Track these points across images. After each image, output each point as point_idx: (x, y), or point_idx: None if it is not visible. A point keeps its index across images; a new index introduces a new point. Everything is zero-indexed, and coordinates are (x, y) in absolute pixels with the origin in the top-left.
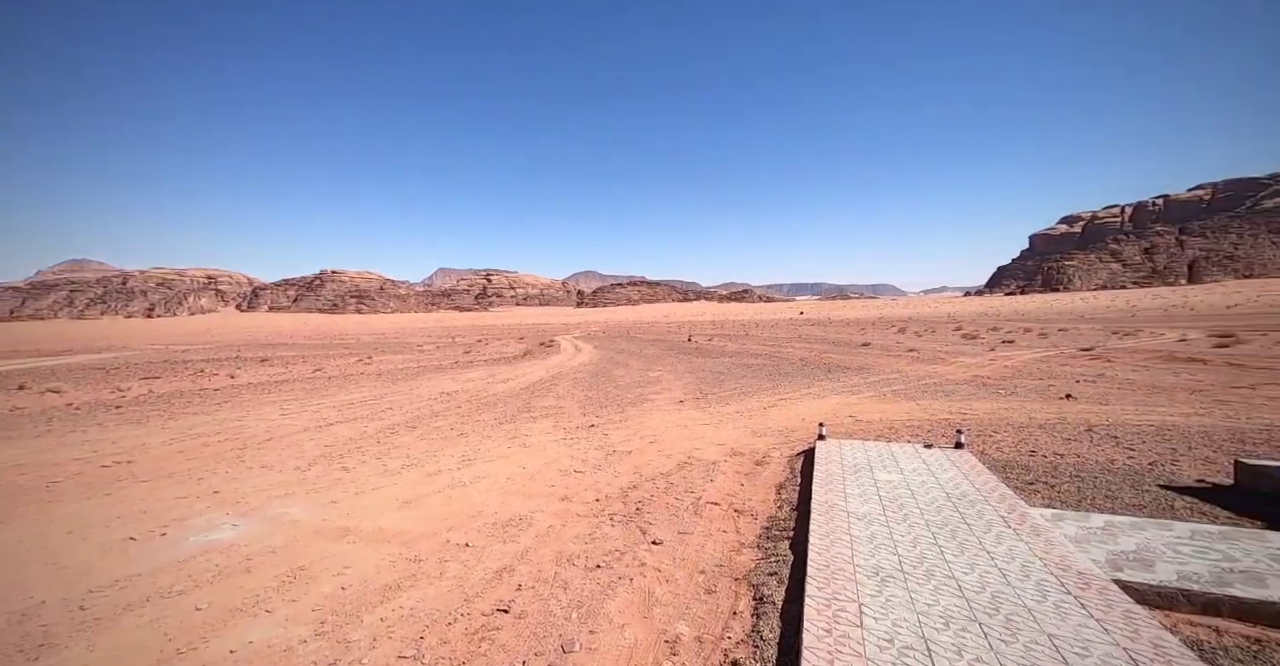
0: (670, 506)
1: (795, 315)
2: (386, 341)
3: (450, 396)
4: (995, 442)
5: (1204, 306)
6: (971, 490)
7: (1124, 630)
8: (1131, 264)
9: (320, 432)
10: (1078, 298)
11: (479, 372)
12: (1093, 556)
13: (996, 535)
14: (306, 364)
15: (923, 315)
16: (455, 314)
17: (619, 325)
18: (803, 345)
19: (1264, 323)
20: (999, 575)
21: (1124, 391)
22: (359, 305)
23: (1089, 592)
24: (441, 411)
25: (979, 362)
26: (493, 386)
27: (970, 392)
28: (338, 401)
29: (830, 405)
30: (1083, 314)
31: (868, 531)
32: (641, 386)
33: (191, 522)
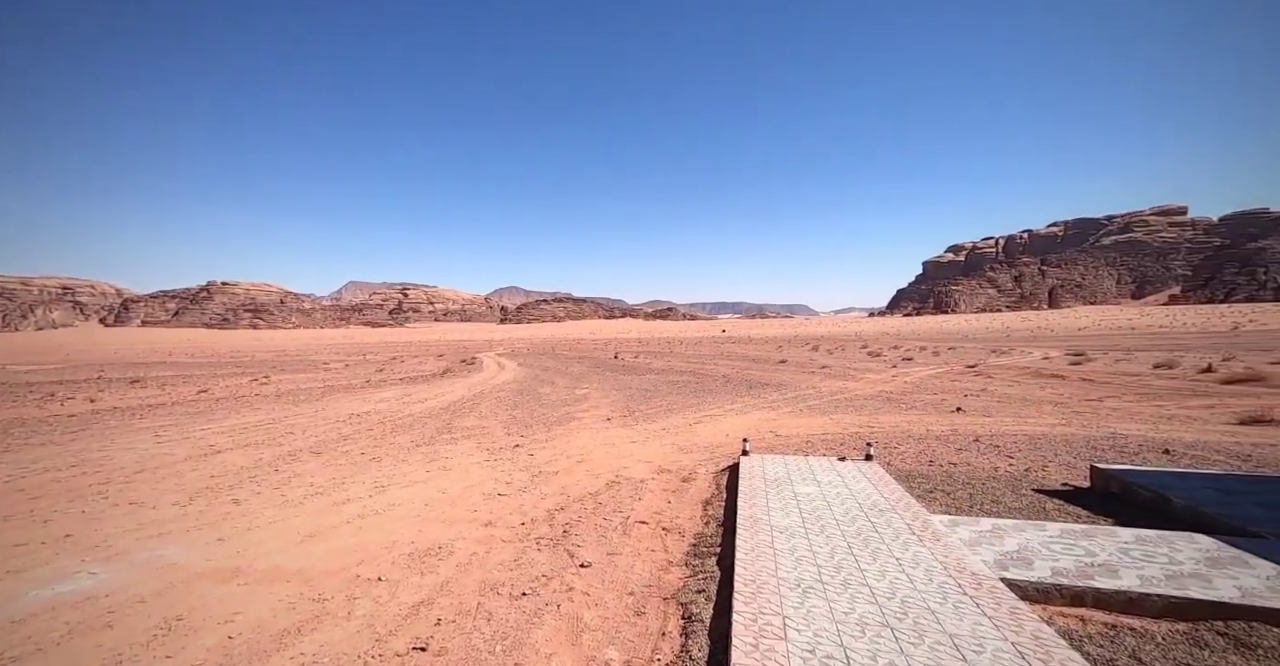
0: (599, 527)
1: (718, 333)
2: (287, 359)
3: (361, 418)
4: (899, 453)
5: (1061, 329)
6: (881, 500)
7: (1011, 625)
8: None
9: (205, 462)
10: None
11: (393, 392)
12: (983, 558)
13: (903, 542)
14: (189, 385)
15: (833, 334)
16: (367, 330)
17: (545, 342)
18: (725, 362)
19: (1106, 343)
20: (906, 580)
21: (1003, 404)
22: (255, 320)
23: (981, 592)
24: (351, 435)
25: (883, 378)
26: (409, 406)
27: (876, 407)
28: (228, 426)
29: (753, 420)
30: (967, 334)
31: (790, 544)
32: (568, 404)
33: (34, 574)
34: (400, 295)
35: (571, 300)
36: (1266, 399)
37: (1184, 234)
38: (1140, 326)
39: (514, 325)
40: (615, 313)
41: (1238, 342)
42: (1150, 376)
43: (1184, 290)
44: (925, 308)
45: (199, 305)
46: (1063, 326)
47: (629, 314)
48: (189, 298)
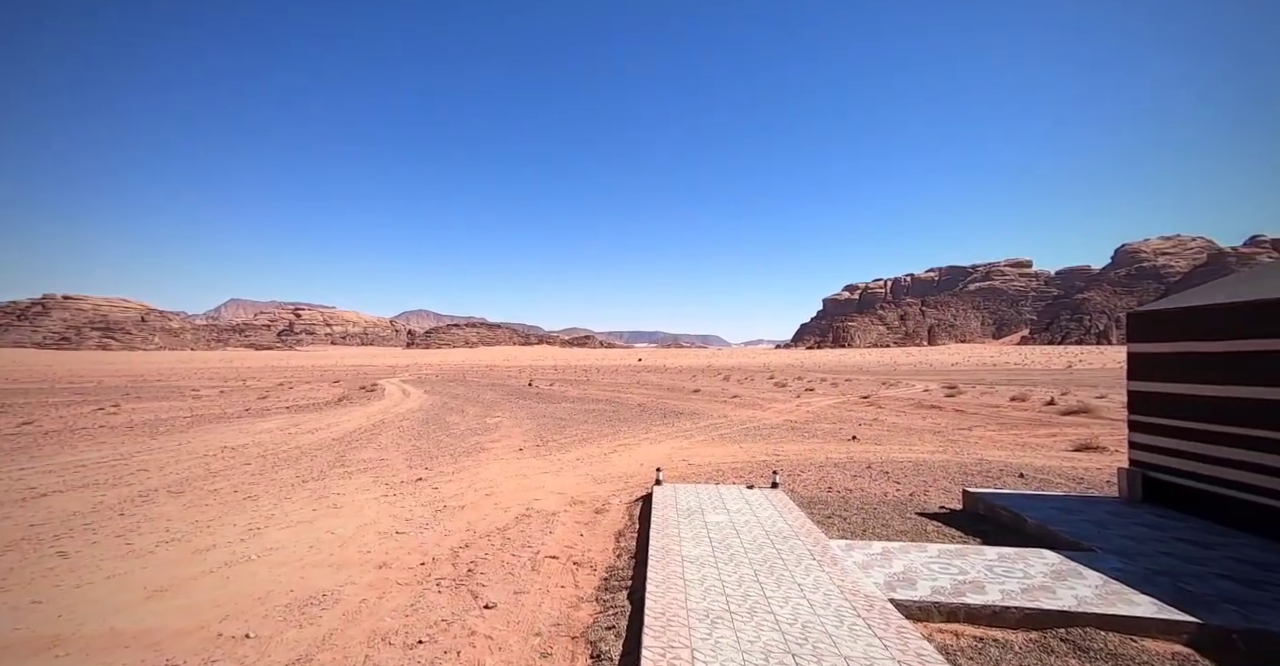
0: (506, 564)
1: (634, 362)
2: (146, 385)
3: (236, 452)
4: (802, 481)
5: (938, 363)
6: (785, 527)
7: (897, 644)
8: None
9: (23, 508)
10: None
11: (278, 422)
12: (875, 580)
13: (805, 568)
14: (7, 416)
15: (743, 364)
16: (249, 353)
17: (455, 368)
18: (641, 391)
19: (973, 378)
20: (808, 606)
21: (892, 433)
22: (105, 339)
23: (873, 613)
24: (222, 470)
25: (788, 408)
26: (296, 438)
27: (782, 435)
28: (59, 464)
29: (666, 449)
30: (861, 367)
31: (699, 574)
32: (478, 434)
33: None
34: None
35: (485, 325)
36: (1094, 429)
37: (1030, 283)
38: (1000, 363)
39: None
40: (531, 339)
41: (1072, 379)
42: (1008, 408)
43: (1032, 332)
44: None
45: (30, 321)
46: (939, 361)
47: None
48: (17, 312)
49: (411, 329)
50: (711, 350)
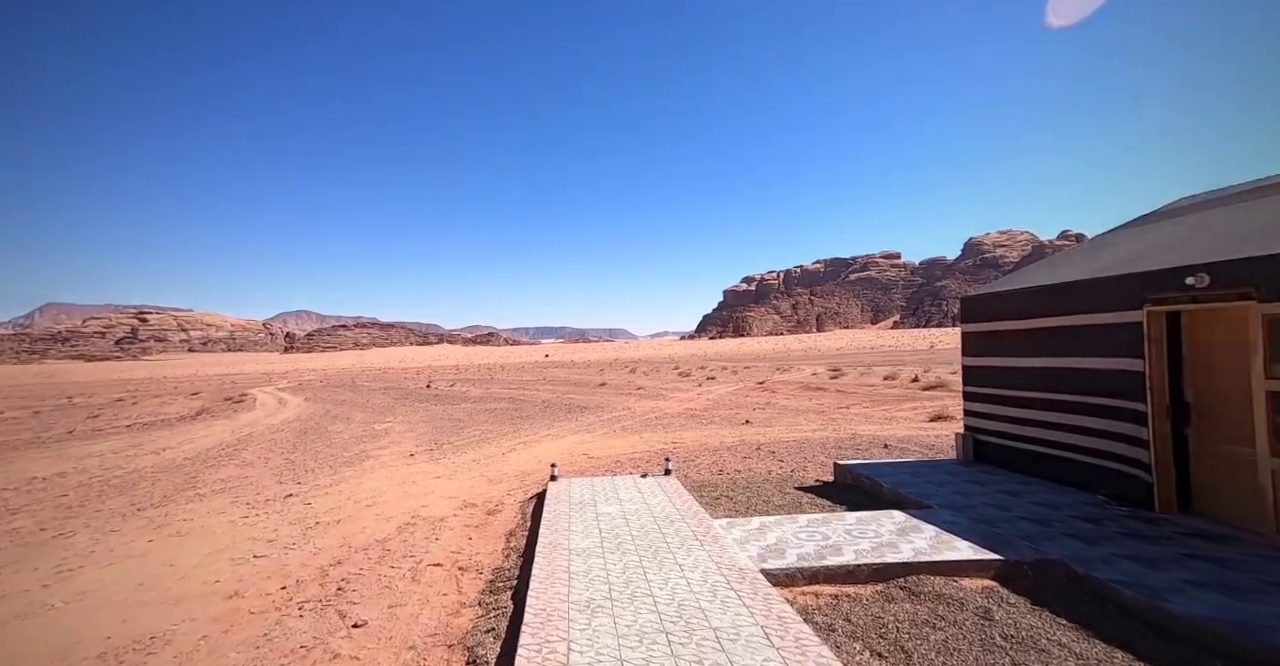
0: (384, 577)
1: (541, 358)
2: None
3: (49, 483)
4: (696, 466)
5: (825, 349)
6: (674, 512)
7: (763, 610)
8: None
9: None
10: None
11: (113, 444)
12: (749, 553)
13: (688, 549)
14: None
15: (650, 356)
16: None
17: (343, 372)
18: (547, 387)
19: (856, 360)
20: (685, 584)
21: (782, 415)
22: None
23: (744, 585)
24: (25, 506)
25: (690, 397)
26: (135, 461)
27: (682, 424)
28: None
29: (567, 444)
30: (759, 354)
31: (585, 565)
32: (364, 442)
33: None
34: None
35: (378, 325)
36: (946, 401)
37: (900, 273)
38: (876, 346)
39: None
40: (431, 339)
41: (933, 358)
42: (881, 386)
43: (902, 317)
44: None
45: None
46: (826, 347)
47: (446, 340)
48: None
49: (290, 332)
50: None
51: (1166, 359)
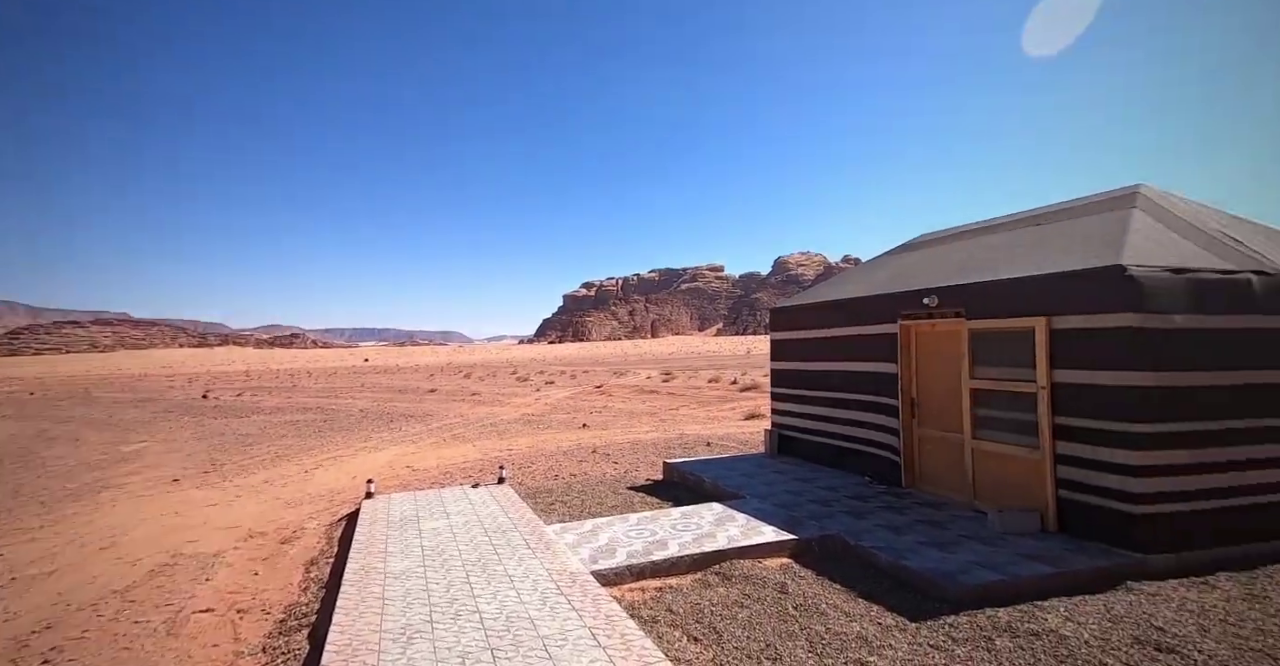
0: (123, 637)
1: (359, 362)
2: None
3: None
4: (532, 472)
5: (659, 354)
6: (507, 521)
7: (591, 612)
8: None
9: None
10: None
11: None
12: (581, 556)
13: (519, 558)
14: None
15: (487, 361)
16: None
17: (73, 382)
18: (366, 394)
19: (686, 365)
20: (515, 596)
21: (618, 418)
22: None
23: (574, 588)
24: None
25: (527, 402)
26: None
27: (519, 429)
28: None
29: (388, 457)
30: (598, 359)
31: (403, 589)
32: (102, 468)
33: None
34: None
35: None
36: (759, 401)
37: (723, 285)
38: (703, 351)
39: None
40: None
41: (750, 363)
42: (706, 388)
43: (724, 325)
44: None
45: None
46: (660, 352)
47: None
48: None
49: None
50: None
51: (916, 363)
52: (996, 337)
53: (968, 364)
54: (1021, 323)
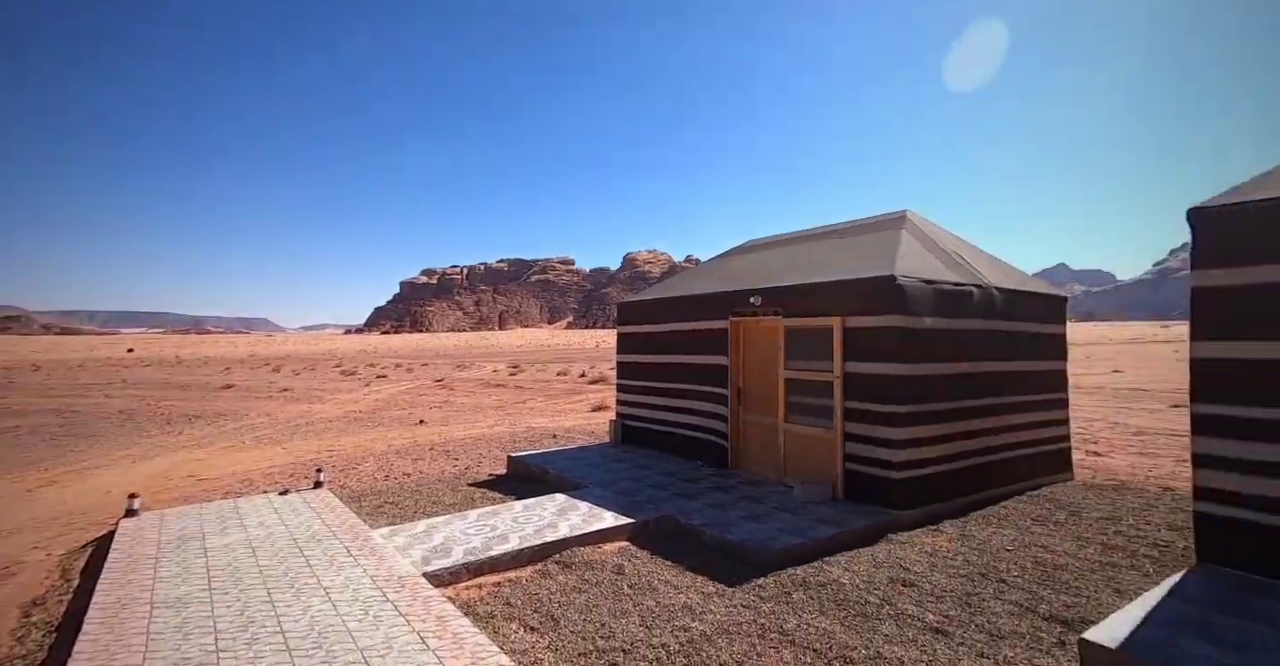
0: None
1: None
2: None
3: None
4: (358, 474)
5: (507, 346)
6: (323, 529)
7: (421, 616)
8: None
9: None
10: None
11: None
12: (412, 559)
13: (338, 567)
14: None
15: (304, 352)
16: None
17: None
18: (130, 392)
19: (534, 358)
20: (331, 609)
21: (460, 413)
22: None
23: (403, 593)
24: None
25: (354, 398)
26: None
27: (342, 428)
28: None
29: (160, 467)
30: (439, 351)
31: (179, 619)
32: None
33: None
34: None
35: None
36: (606, 393)
37: (574, 278)
38: (552, 344)
39: None
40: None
41: (599, 356)
42: (555, 381)
43: (575, 318)
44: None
45: None
46: (508, 344)
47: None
48: None
49: None
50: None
51: (743, 356)
52: (806, 334)
53: (783, 356)
54: (824, 321)
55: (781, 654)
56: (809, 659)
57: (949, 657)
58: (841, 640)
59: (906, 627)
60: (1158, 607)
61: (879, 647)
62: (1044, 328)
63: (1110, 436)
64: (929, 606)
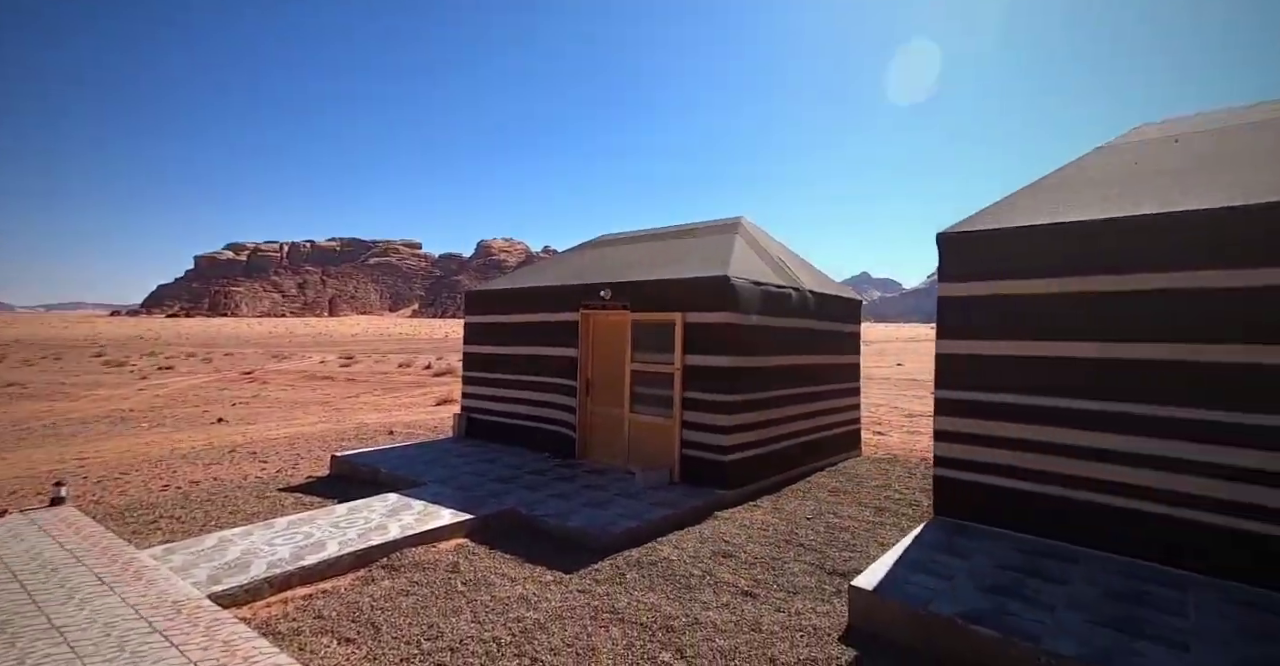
0: None
1: None
2: None
3: None
4: (123, 485)
5: (338, 334)
6: (61, 555)
7: (201, 644)
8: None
9: None
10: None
11: None
12: (195, 579)
13: (81, 600)
14: None
15: (47, 337)
16: None
17: None
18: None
19: (372, 347)
20: (66, 649)
21: (273, 409)
22: None
23: (178, 621)
24: None
25: (124, 394)
26: None
27: (104, 430)
28: None
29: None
30: (249, 338)
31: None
32: None
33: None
34: None
35: None
36: (454, 385)
37: (421, 263)
38: (395, 333)
39: None
40: None
41: (447, 347)
42: (396, 374)
43: (422, 306)
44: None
45: None
46: (341, 332)
47: None
48: None
49: None
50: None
51: (592, 348)
52: (651, 327)
53: (630, 349)
54: (667, 316)
55: (610, 631)
56: (635, 632)
57: (753, 615)
58: (665, 611)
59: (722, 593)
60: (903, 554)
61: (697, 614)
62: (844, 327)
63: (891, 418)
64: (742, 573)
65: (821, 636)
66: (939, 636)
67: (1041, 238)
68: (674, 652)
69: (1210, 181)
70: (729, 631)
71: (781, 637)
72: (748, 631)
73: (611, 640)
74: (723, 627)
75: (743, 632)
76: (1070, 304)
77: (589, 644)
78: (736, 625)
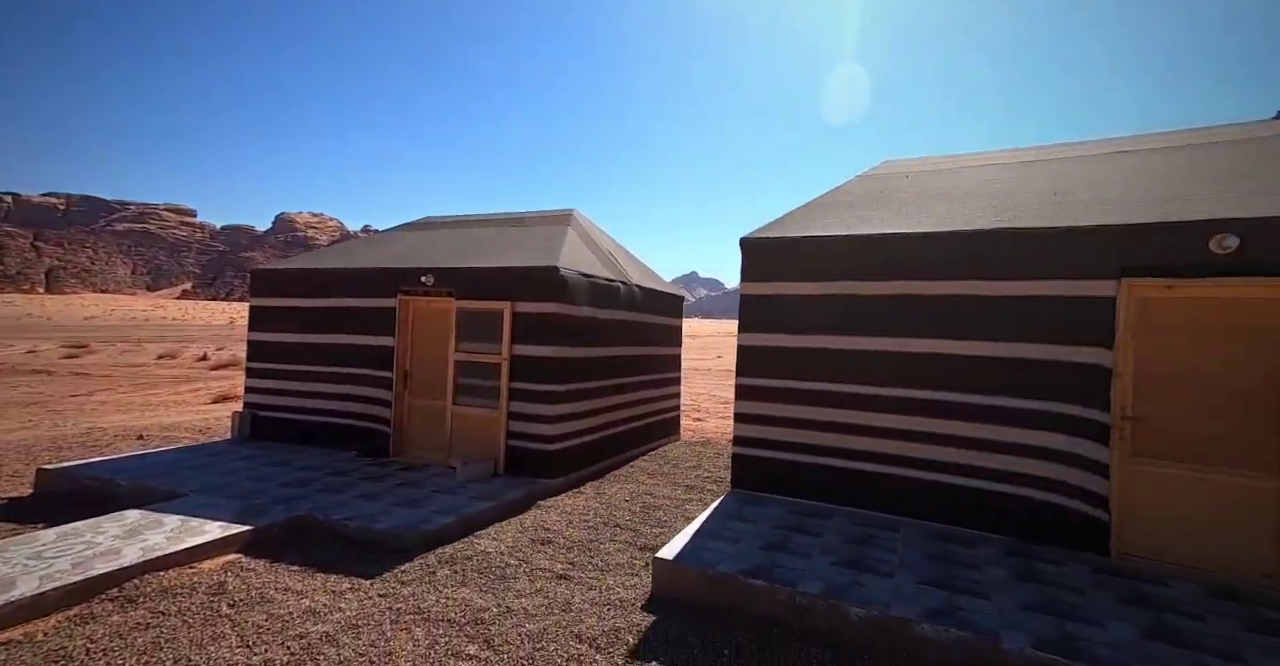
0: None
1: None
2: None
3: None
4: None
5: (62, 317)
6: None
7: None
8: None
9: None
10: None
11: None
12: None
13: None
14: None
15: None
16: None
17: None
18: None
19: (119, 334)
20: None
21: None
22: None
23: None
24: None
25: None
26: None
27: None
28: None
29: None
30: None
31: None
32: None
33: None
34: None
35: None
36: (238, 380)
37: (195, 235)
38: (155, 318)
39: None
40: None
41: (233, 334)
42: (154, 366)
43: (195, 285)
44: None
45: None
46: (65, 314)
47: None
48: None
49: None
50: None
51: (412, 337)
52: (478, 316)
53: (454, 338)
54: (496, 305)
55: (413, 632)
56: (441, 630)
57: (565, 597)
58: (476, 604)
59: (537, 580)
60: (702, 525)
61: (509, 603)
62: (668, 320)
63: (709, 406)
64: (559, 557)
65: (627, 607)
66: (724, 592)
67: (810, 248)
68: (481, 644)
69: (924, 212)
70: (539, 615)
71: (590, 613)
72: (558, 612)
73: (414, 641)
74: (534, 612)
75: (553, 614)
76: (831, 304)
77: (385, 650)
78: (548, 608)
